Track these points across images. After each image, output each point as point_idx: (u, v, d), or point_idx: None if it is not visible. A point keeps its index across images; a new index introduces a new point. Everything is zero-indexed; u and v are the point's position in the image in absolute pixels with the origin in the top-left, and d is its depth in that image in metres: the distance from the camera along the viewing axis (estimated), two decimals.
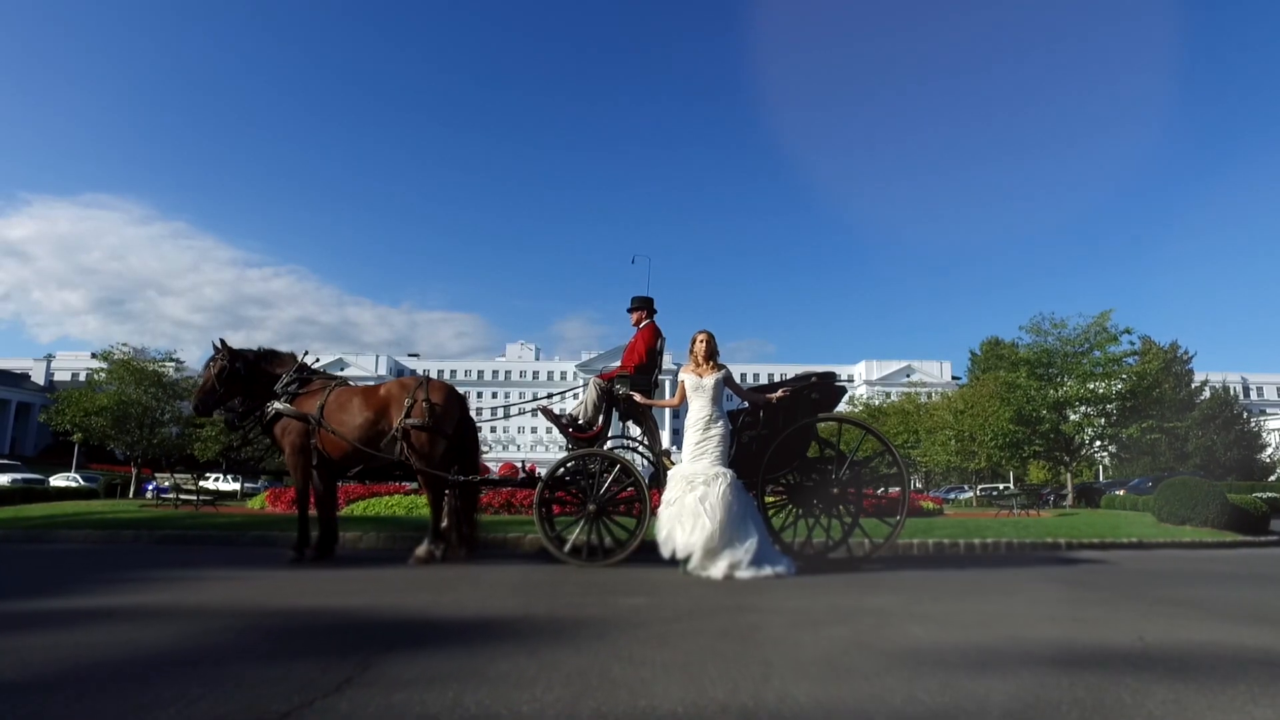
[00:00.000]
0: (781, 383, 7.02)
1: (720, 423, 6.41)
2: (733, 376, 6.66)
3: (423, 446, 6.92)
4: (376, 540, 9.14)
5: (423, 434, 6.91)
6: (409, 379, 7.29)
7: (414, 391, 7.04)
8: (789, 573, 5.99)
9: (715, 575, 5.82)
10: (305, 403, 7.18)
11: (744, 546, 5.92)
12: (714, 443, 6.33)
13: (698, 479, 6.15)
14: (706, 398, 6.45)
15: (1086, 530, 11.53)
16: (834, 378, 7.09)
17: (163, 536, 9.59)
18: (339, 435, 6.95)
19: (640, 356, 7.45)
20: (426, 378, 7.29)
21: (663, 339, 7.53)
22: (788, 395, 6.79)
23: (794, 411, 6.89)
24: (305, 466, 7.12)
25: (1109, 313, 26.32)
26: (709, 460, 6.27)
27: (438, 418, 6.96)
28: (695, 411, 6.45)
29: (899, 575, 6.38)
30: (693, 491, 6.10)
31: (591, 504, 6.81)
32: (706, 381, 6.50)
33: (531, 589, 5.25)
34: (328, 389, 7.23)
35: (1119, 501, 25.92)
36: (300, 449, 7.08)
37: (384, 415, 7.03)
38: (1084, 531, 11.22)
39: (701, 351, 6.57)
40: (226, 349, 7.40)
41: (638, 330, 7.68)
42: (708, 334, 6.63)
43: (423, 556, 6.95)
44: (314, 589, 5.18)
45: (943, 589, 5.49)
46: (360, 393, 7.22)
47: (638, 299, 7.74)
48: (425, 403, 6.95)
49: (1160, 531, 11.90)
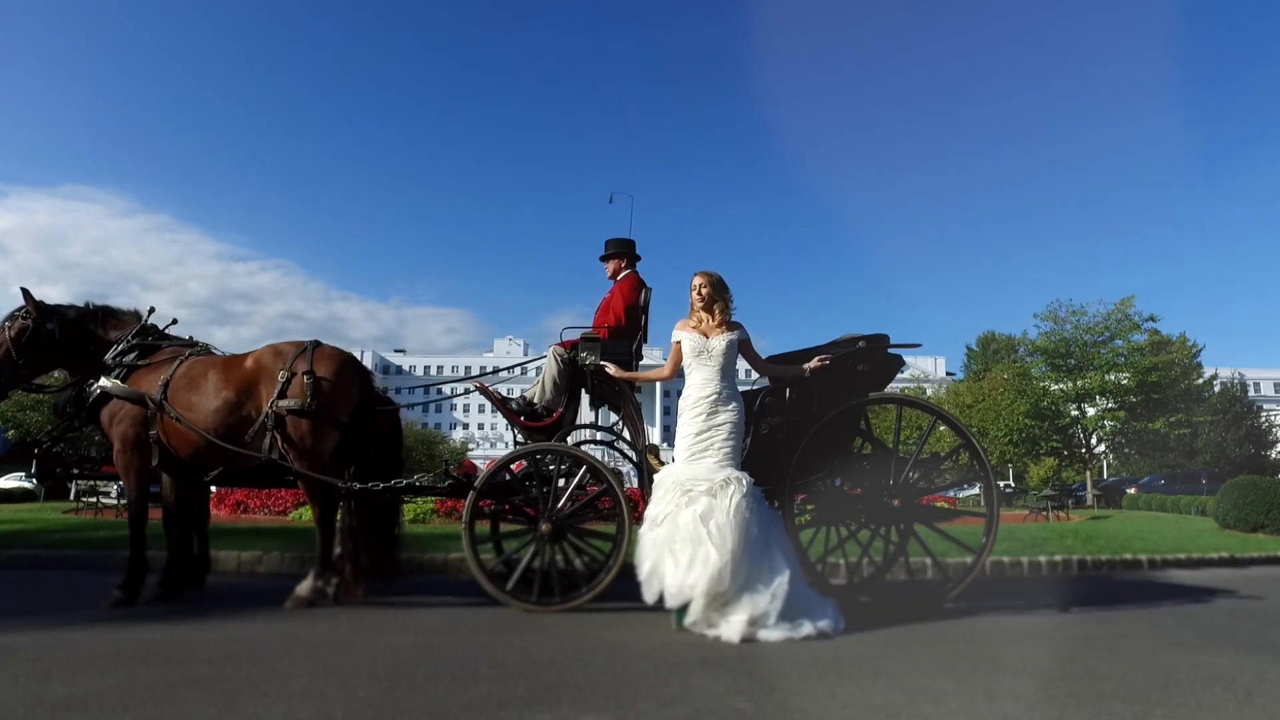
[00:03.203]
0: (816, 349, 4.98)
1: (732, 405, 4.38)
2: (750, 340, 4.63)
3: (303, 439, 4.83)
4: (280, 561, 7.04)
5: (302, 422, 4.83)
6: (287, 344, 5.17)
7: (292, 361, 4.95)
8: (837, 629, 3.98)
9: (728, 636, 3.80)
10: (144, 378, 5.09)
11: (769, 590, 3.90)
12: (722, 434, 4.30)
13: (699, 487, 4.12)
14: (713, 367, 4.42)
15: (1155, 541, 9.59)
16: (887, 341, 5.07)
17: (7, 559, 7.42)
18: (187, 424, 4.87)
19: (617, 316, 5.41)
20: (315, 342, 5.17)
21: (648, 291, 5.49)
22: (828, 366, 4.76)
23: (835, 389, 4.87)
24: (141, 468, 5.03)
25: (1131, 299, 24.50)
26: (715, 459, 4.24)
27: (325, 398, 4.88)
28: (696, 388, 4.42)
29: (1003, 627, 4.36)
30: (691, 505, 4.07)
31: (545, 521, 4.77)
32: (714, 344, 4.46)
33: (421, 674, 3.19)
34: (179, 359, 5.14)
35: (1141, 501, 24.13)
36: (134, 443, 4.99)
37: (250, 395, 4.94)
38: (1157, 544, 9.27)
39: (704, 299, 4.53)
40: (32, 303, 5.27)
41: (615, 283, 5.66)
42: (710, 276, 4.59)
43: (304, 597, 4.88)
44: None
45: (1125, 675, 3.47)
46: (220, 365, 5.10)
47: (614, 242, 5.70)
48: (306, 376, 4.87)
49: (1239, 543, 9.96)
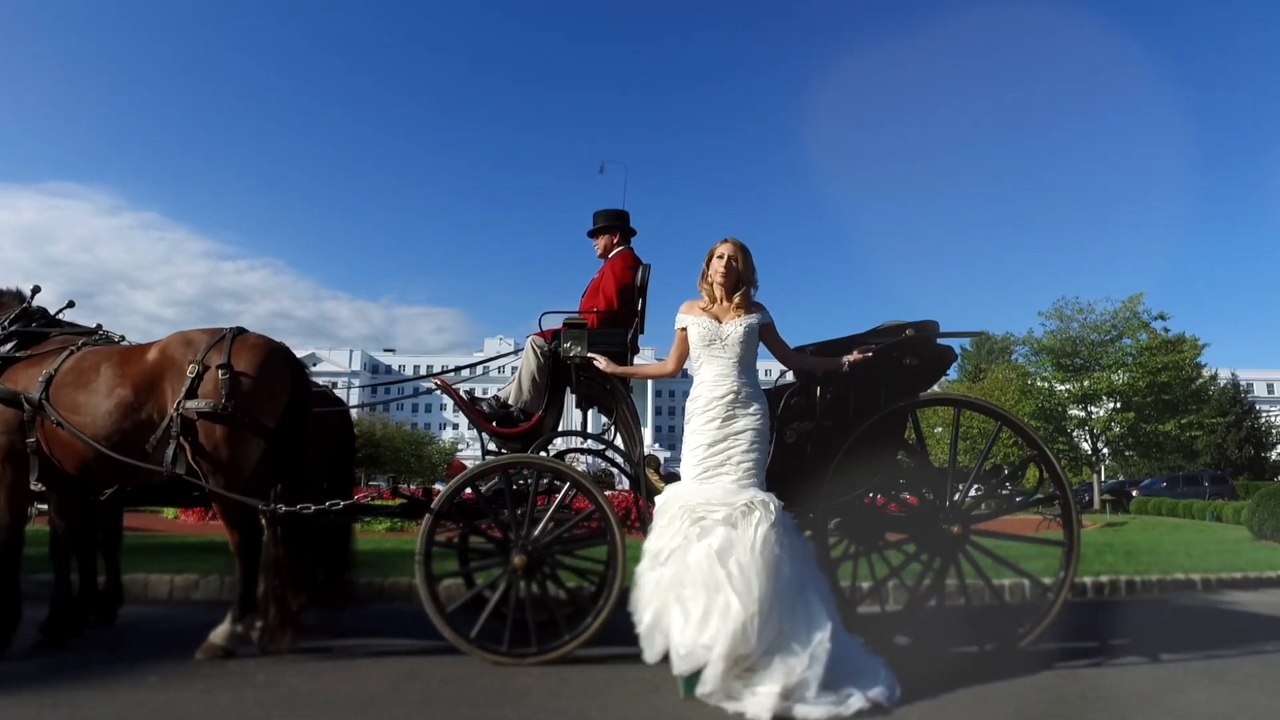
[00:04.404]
0: (852, 339, 4.05)
1: (754, 407, 3.45)
2: (774, 325, 3.69)
3: (216, 450, 3.86)
4: (220, 586, 6.05)
5: (216, 427, 3.86)
6: (200, 331, 4.16)
7: (205, 353, 3.97)
8: (892, 698, 3.06)
9: (755, 713, 2.87)
10: (23, 374, 4.11)
11: (807, 651, 2.97)
12: (742, 444, 3.37)
13: (714, 514, 3.19)
14: (728, 359, 3.49)
15: (1202, 558, 8.71)
16: (936, 329, 4.15)
17: None
18: (71, 430, 3.89)
19: (608, 299, 4.49)
20: (236, 329, 4.17)
21: (645, 268, 4.56)
22: (870, 358, 3.83)
23: (876, 387, 3.95)
24: (14, 485, 4.04)
25: (1139, 296, 23.71)
26: (733, 477, 3.31)
27: (246, 398, 3.91)
28: (709, 386, 3.49)
29: (1113, 685, 3.44)
30: (705, 538, 3.14)
31: (518, 551, 3.82)
32: (729, 330, 3.53)
33: None
34: (68, 350, 4.16)
35: (1150, 506, 23.32)
36: (6, 454, 4.00)
37: (152, 394, 3.96)
38: (1204, 560, 8.40)
39: (731, 274, 3.60)
40: None
41: (606, 262, 4.73)
42: (742, 246, 3.64)
43: (218, 646, 3.90)
44: None
45: None
46: (116, 356, 4.11)
47: (604, 214, 4.80)
48: (223, 371, 3.89)
49: None
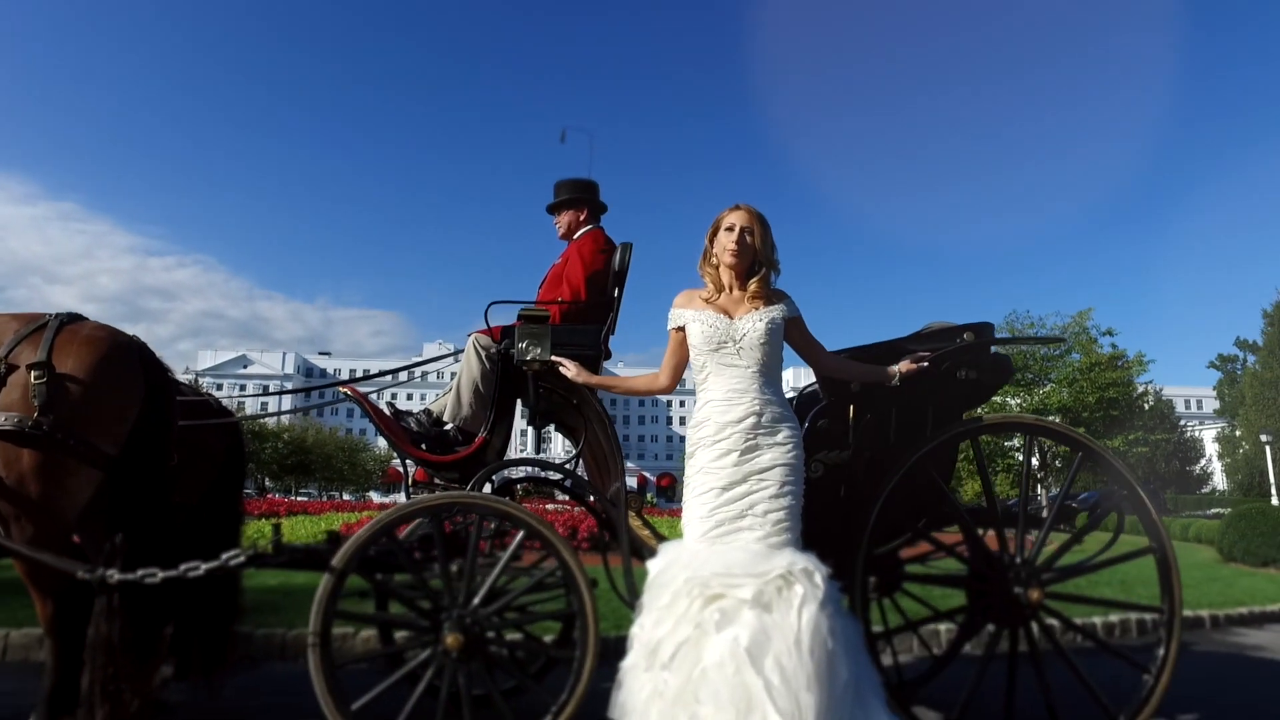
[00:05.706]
0: (893, 344, 3.15)
1: (783, 432, 2.50)
2: (803, 320, 2.76)
3: (21, 485, 2.73)
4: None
5: (21, 453, 2.73)
6: (8, 316, 2.98)
7: (11, 347, 2.83)
8: None
9: None
10: None
11: None
12: (770, 486, 2.42)
13: (737, 591, 2.23)
14: (747, 367, 2.55)
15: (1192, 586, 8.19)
16: (991, 332, 3.29)
17: None
18: None
19: (575, 288, 3.52)
20: (66, 316, 3.03)
21: (625, 247, 3.59)
22: (924, 367, 2.94)
23: (923, 405, 3.07)
24: None
25: (1089, 311, 24.10)
26: (759, 534, 2.36)
27: (70, 412, 2.78)
28: (719, 406, 2.53)
29: None
30: (727, 628, 2.18)
31: (451, 626, 2.78)
32: (745, 326, 2.58)
33: None
34: None
35: None
36: None
37: None
38: (1200, 592, 7.86)
39: (734, 253, 2.63)
40: None
41: (570, 243, 3.76)
42: (749, 212, 2.68)
43: None
44: None
45: None
46: None
47: (566, 185, 3.83)
48: (37, 373, 2.77)
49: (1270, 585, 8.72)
